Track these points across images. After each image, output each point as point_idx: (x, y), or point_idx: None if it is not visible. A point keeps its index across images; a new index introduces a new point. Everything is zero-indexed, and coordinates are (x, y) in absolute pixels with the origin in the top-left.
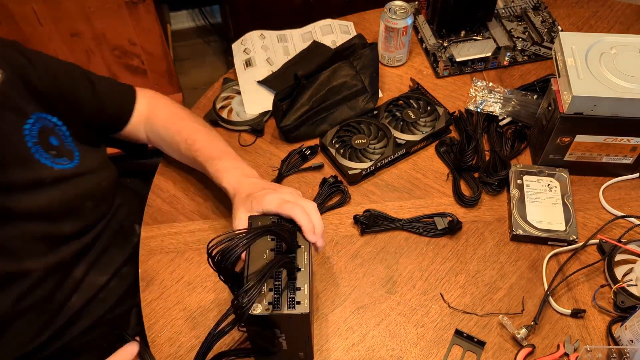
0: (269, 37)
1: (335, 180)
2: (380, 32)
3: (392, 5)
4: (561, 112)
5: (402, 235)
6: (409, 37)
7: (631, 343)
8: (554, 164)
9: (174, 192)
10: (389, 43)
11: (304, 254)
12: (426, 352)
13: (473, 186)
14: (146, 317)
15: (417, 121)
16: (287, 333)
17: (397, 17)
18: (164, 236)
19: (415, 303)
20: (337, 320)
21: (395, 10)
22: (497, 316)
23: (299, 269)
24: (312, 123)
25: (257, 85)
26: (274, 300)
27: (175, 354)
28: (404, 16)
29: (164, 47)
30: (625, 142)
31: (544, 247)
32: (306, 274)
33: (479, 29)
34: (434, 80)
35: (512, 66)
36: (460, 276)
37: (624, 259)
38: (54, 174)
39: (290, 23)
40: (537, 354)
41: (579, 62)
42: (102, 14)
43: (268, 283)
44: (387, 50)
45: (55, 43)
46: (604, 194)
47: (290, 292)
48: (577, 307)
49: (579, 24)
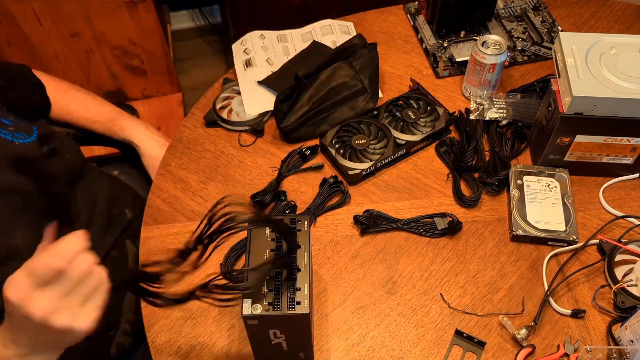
0: (269, 37)
1: (336, 181)
2: (469, 62)
3: (487, 39)
4: (561, 112)
5: (402, 235)
6: (497, 75)
7: (631, 343)
8: (554, 164)
9: (174, 192)
10: (474, 76)
11: (304, 254)
12: (426, 352)
13: (473, 186)
14: (146, 317)
15: (417, 121)
16: (287, 333)
17: (487, 52)
18: (164, 236)
19: (415, 303)
20: (337, 321)
21: (488, 44)
22: (497, 316)
23: (299, 269)
24: (312, 123)
25: (257, 86)
26: (274, 301)
27: (175, 354)
28: (496, 52)
29: (164, 47)
30: (625, 142)
31: (544, 247)
32: (306, 274)
33: (479, 29)
34: (434, 81)
35: (512, 66)
36: (461, 276)
37: (624, 259)
38: (15, 147)
39: (290, 23)
40: (537, 354)
41: (579, 62)
42: (102, 14)
43: (268, 283)
44: (470, 83)
45: (55, 43)
46: (604, 194)
47: (290, 292)
48: (577, 307)
49: (579, 24)
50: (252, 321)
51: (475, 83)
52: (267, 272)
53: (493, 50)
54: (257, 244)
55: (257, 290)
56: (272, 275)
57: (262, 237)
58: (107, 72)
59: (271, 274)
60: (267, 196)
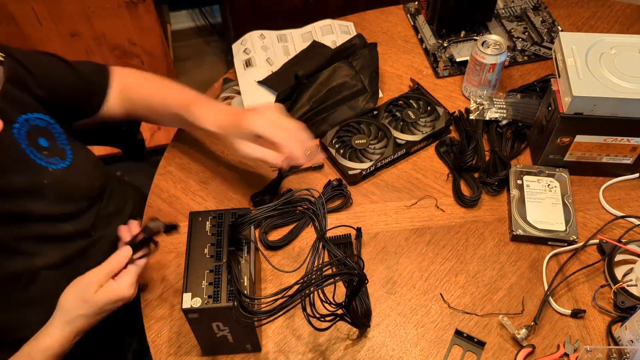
0: (269, 37)
1: (339, 184)
2: (469, 62)
3: (487, 38)
4: (561, 112)
5: (402, 235)
6: (497, 75)
7: (631, 343)
8: (554, 164)
9: (174, 192)
10: (474, 76)
11: (249, 247)
12: (426, 352)
13: (473, 186)
14: (146, 317)
15: (417, 121)
16: (230, 326)
17: (487, 52)
18: (163, 236)
19: (415, 303)
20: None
21: (488, 44)
22: (497, 316)
23: (241, 262)
24: (312, 123)
25: (257, 85)
26: (214, 294)
27: (175, 354)
28: (496, 52)
29: (164, 47)
30: (625, 142)
31: (544, 247)
32: (247, 266)
33: (479, 29)
34: (434, 80)
35: (512, 66)
36: (460, 276)
37: (624, 259)
38: (49, 174)
39: (290, 23)
40: (537, 354)
41: (579, 62)
42: (102, 14)
43: (208, 277)
44: (470, 83)
45: (55, 43)
46: (604, 194)
47: (230, 285)
48: (577, 307)
49: (579, 24)
50: (193, 315)
51: (475, 83)
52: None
53: (493, 50)
54: (198, 238)
55: (197, 284)
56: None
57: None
58: None
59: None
60: (267, 196)
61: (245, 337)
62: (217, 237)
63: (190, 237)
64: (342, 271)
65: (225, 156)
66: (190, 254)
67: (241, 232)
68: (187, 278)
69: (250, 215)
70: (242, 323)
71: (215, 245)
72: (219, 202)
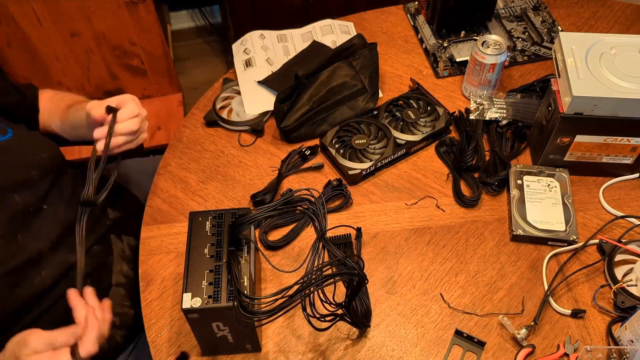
0: (269, 37)
1: (339, 184)
2: (469, 62)
3: (487, 38)
4: (561, 112)
5: (402, 235)
6: (497, 75)
7: (631, 343)
8: (554, 164)
9: (174, 192)
10: (474, 76)
11: (249, 247)
12: (426, 352)
13: (473, 186)
14: (146, 317)
15: (417, 121)
16: (230, 326)
17: (487, 52)
18: (163, 236)
19: (415, 303)
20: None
21: (488, 44)
22: (497, 316)
23: (241, 262)
24: (312, 123)
25: (257, 86)
26: (214, 293)
27: (175, 354)
28: (496, 52)
29: (164, 47)
30: (625, 142)
31: (544, 247)
32: (247, 266)
33: (479, 29)
34: (434, 80)
35: (512, 66)
36: (460, 276)
37: (624, 259)
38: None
39: (290, 23)
40: (537, 354)
41: (579, 62)
42: (102, 14)
43: (208, 277)
44: (470, 83)
45: (55, 43)
46: (604, 194)
47: (230, 285)
48: (577, 307)
49: (579, 24)
50: (192, 315)
51: (475, 83)
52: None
53: (493, 50)
54: (199, 239)
55: (197, 284)
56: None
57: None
58: (107, 72)
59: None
60: (267, 196)
61: (245, 337)
62: (217, 237)
63: (190, 237)
64: (342, 271)
65: (225, 156)
66: (190, 254)
67: (241, 232)
68: (187, 278)
69: (250, 215)
70: (242, 323)
71: (215, 245)
72: (219, 202)
